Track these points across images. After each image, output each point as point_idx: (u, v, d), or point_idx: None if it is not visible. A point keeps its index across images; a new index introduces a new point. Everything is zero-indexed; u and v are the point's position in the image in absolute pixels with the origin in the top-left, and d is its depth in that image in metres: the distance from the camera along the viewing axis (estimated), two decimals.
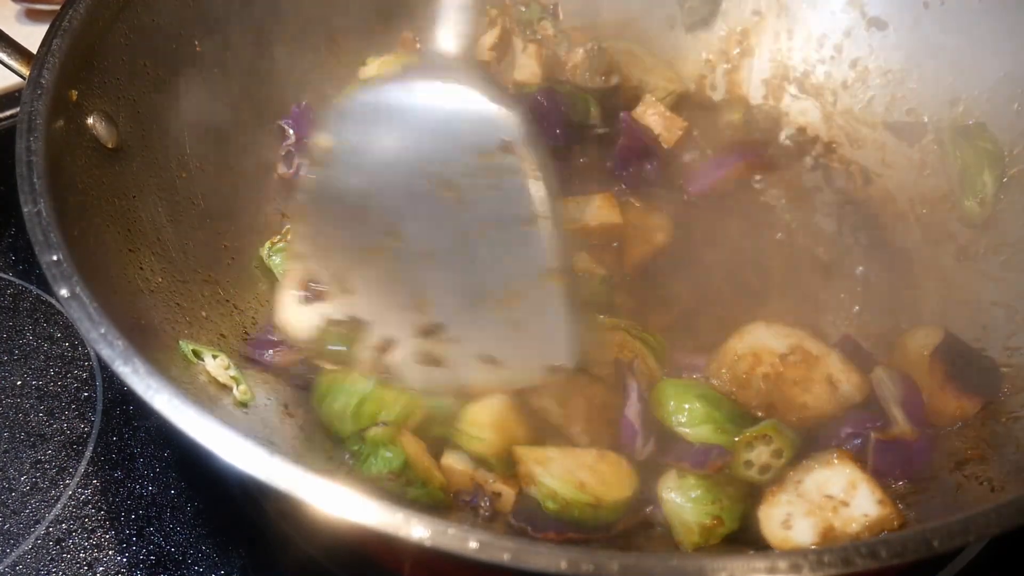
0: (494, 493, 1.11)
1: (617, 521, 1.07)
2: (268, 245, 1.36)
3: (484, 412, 1.12)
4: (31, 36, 1.18)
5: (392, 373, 1.14)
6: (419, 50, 1.63)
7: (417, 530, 0.76)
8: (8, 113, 1.74)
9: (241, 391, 1.12)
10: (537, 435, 1.13)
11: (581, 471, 1.07)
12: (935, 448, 1.13)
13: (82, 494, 1.30)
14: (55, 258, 0.95)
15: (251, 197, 1.43)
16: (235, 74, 1.43)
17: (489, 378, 1.12)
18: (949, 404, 1.16)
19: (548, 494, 1.05)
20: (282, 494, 0.79)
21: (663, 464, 1.11)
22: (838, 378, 1.14)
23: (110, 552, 1.24)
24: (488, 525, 1.11)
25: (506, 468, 1.11)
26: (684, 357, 1.24)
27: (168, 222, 1.25)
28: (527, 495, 1.10)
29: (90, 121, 1.16)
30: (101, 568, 1.22)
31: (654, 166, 1.48)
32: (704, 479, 1.07)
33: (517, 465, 1.09)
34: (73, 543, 1.25)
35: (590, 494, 1.05)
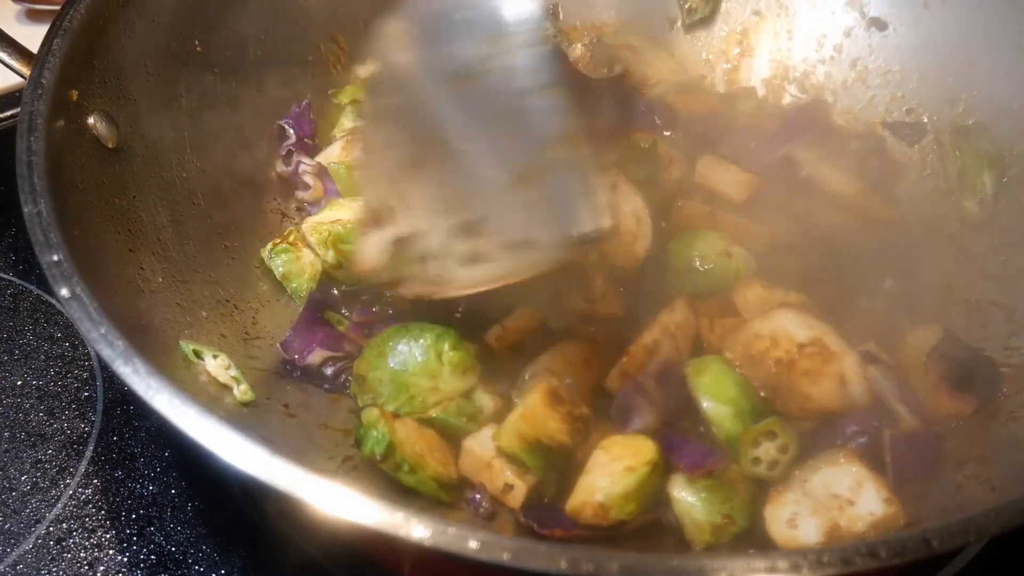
0: (507, 484, 1.11)
1: (629, 520, 1.07)
2: (270, 246, 1.36)
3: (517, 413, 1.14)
4: (31, 36, 1.18)
5: (439, 283, 1.16)
6: None
7: (417, 530, 0.76)
8: (9, 113, 1.74)
9: (241, 391, 1.12)
10: (569, 427, 1.13)
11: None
12: (942, 442, 1.13)
13: (82, 494, 1.30)
14: (55, 258, 0.95)
15: (251, 197, 1.44)
16: (235, 74, 1.43)
17: (525, 262, 1.13)
18: (944, 404, 1.16)
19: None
20: (282, 494, 0.79)
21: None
22: (850, 379, 1.14)
23: (110, 552, 1.24)
24: (487, 524, 1.11)
25: (531, 461, 1.11)
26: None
27: (168, 222, 1.25)
28: (535, 496, 1.10)
29: (91, 121, 1.16)
30: (101, 568, 1.22)
31: None
32: (715, 478, 1.07)
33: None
34: (73, 543, 1.25)
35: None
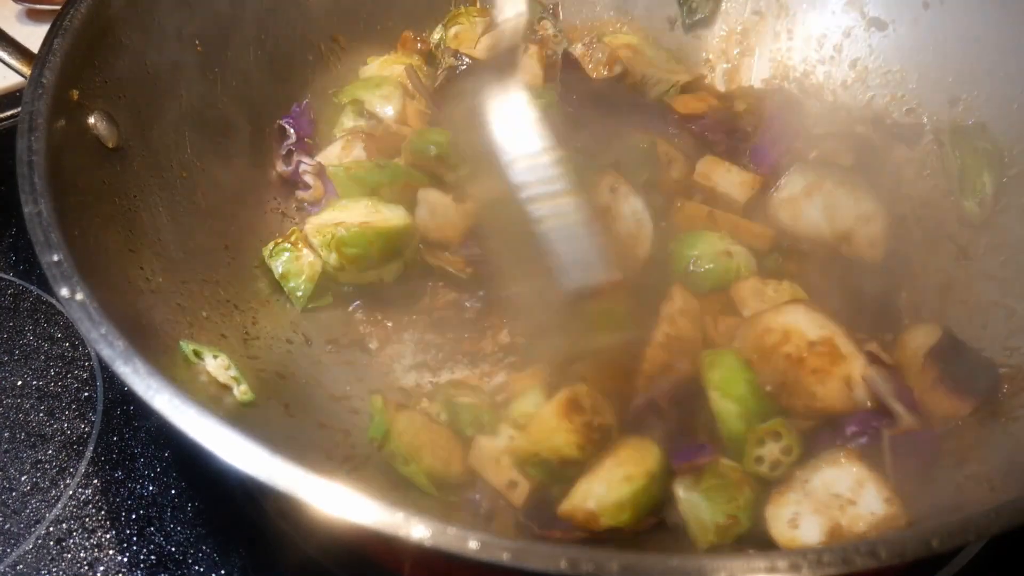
0: (511, 481, 1.11)
1: (625, 528, 1.07)
2: (272, 245, 1.36)
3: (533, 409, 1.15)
4: (32, 36, 1.18)
5: None
6: (420, 49, 1.64)
7: (417, 530, 0.76)
8: (9, 113, 1.74)
9: (242, 391, 1.12)
10: (583, 440, 1.12)
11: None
12: (941, 442, 1.13)
13: (82, 494, 1.30)
14: (56, 258, 0.95)
15: (251, 197, 1.44)
16: (235, 73, 1.43)
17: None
18: (941, 404, 1.16)
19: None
20: (282, 494, 0.79)
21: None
22: (856, 381, 1.13)
23: (110, 552, 1.24)
24: (487, 524, 1.11)
25: (539, 468, 1.11)
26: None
27: (168, 222, 1.25)
28: (540, 494, 1.11)
29: (91, 121, 1.16)
30: (101, 568, 1.22)
31: None
32: (720, 478, 1.06)
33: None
34: (73, 543, 1.25)
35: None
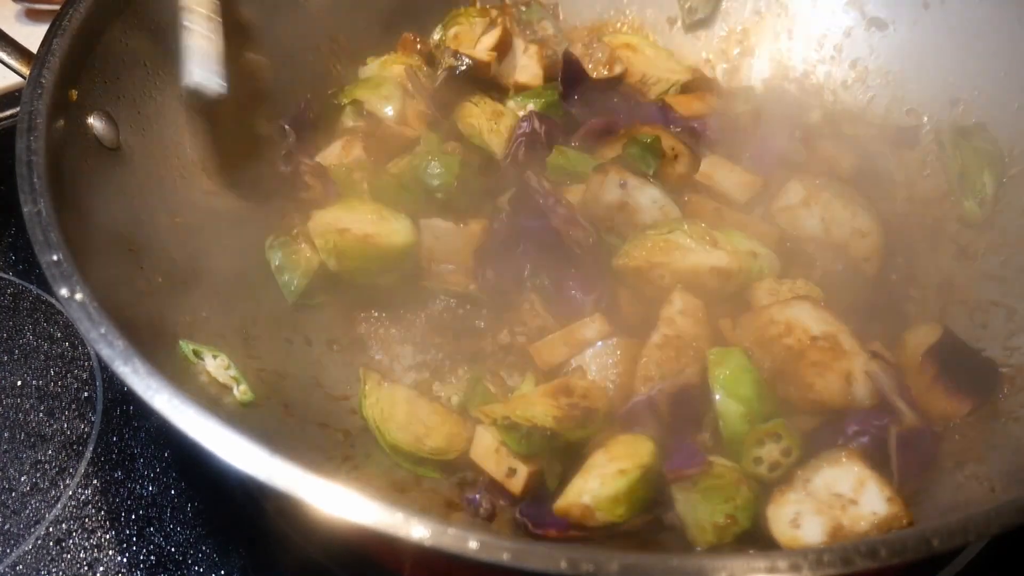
0: (510, 469, 1.12)
1: (621, 523, 1.07)
2: (271, 238, 1.35)
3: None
4: (31, 36, 1.18)
5: None
6: (419, 50, 1.64)
7: (417, 530, 0.76)
8: (8, 113, 1.74)
9: (241, 391, 1.12)
10: (563, 411, 1.14)
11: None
12: (942, 442, 1.13)
13: (82, 494, 1.30)
14: (55, 258, 0.95)
15: (251, 197, 1.43)
16: (235, 74, 1.42)
17: None
18: (939, 403, 1.16)
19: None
20: (282, 494, 0.79)
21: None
22: (856, 378, 1.13)
23: (110, 552, 1.24)
24: (487, 524, 1.11)
25: (512, 435, 1.12)
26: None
27: (168, 222, 1.24)
28: (538, 483, 1.12)
29: (90, 121, 1.16)
30: (101, 568, 1.22)
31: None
32: (717, 478, 1.06)
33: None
34: (73, 543, 1.25)
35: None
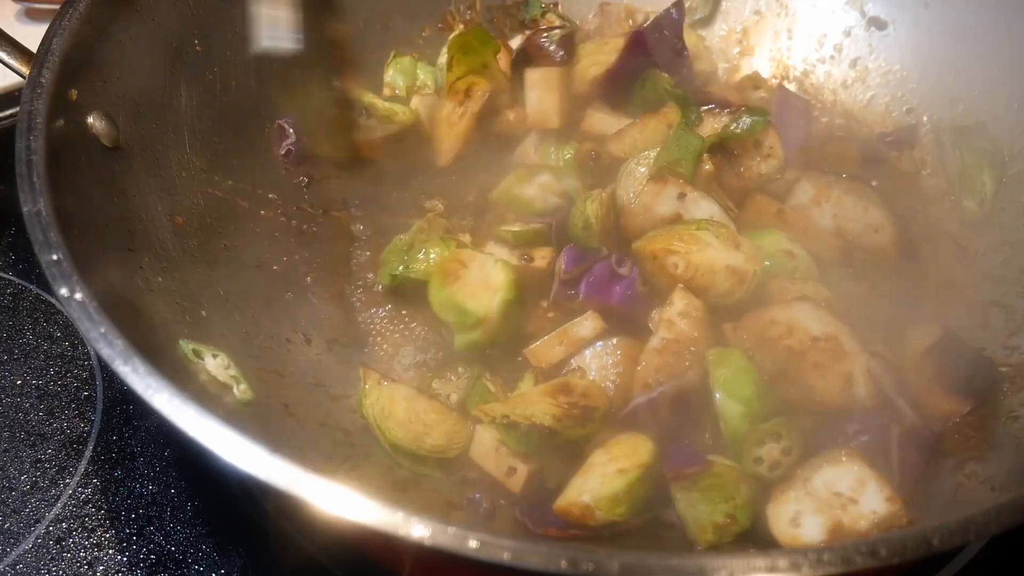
0: (510, 467, 1.13)
1: (621, 522, 1.07)
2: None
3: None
4: (31, 35, 1.18)
5: None
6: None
7: (417, 529, 0.76)
8: (8, 112, 1.74)
9: (241, 390, 1.12)
10: (562, 410, 1.14)
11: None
12: (942, 441, 1.13)
13: (82, 493, 1.30)
14: (55, 257, 0.95)
15: (250, 195, 1.43)
16: (235, 73, 1.43)
17: None
18: (939, 403, 1.16)
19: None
20: (282, 493, 0.79)
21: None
22: (857, 379, 1.13)
23: (110, 551, 1.24)
24: (487, 524, 1.11)
25: (511, 434, 1.12)
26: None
27: (168, 221, 1.24)
28: (538, 482, 1.12)
29: (90, 120, 1.16)
30: (101, 567, 1.22)
31: None
32: (717, 478, 1.06)
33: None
34: (73, 542, 1.25)
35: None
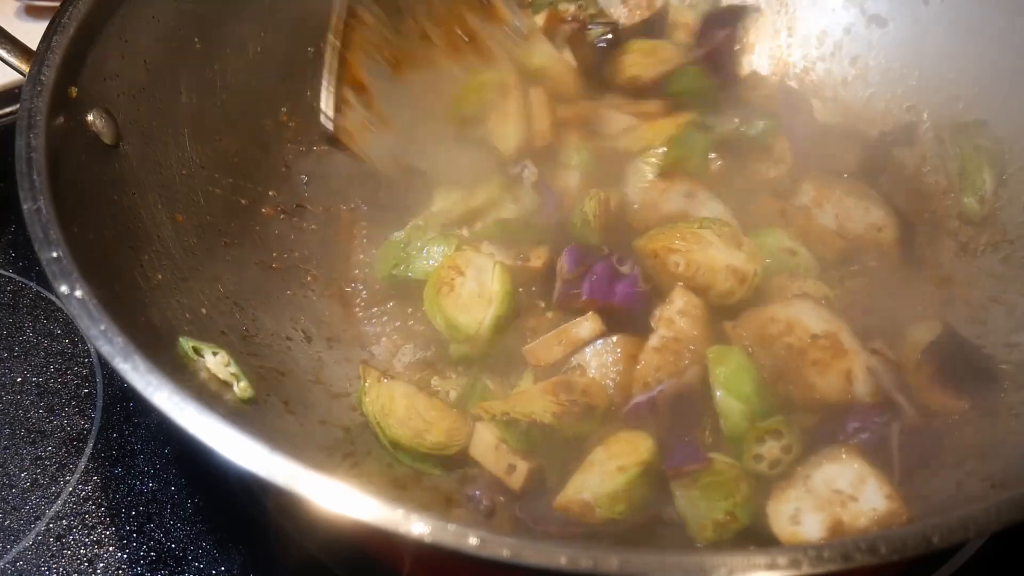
0: (510, 465, 1.12)
1: (621, 519, 1.07)
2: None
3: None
4: (31, 33, 1.18)
5: None
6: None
7: (417, 526, 0.76)
8: (8, 110, 1.74)
9: (241, 388, 1.12)
10: (563, 407, 1.14)
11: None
12: (942, 438, 1.13)
13: (82, 490, 1.30)
14: (55, 255, 0.95)
15: (251, 193, 1.43)
16: (235, 71, 1.43)
17: None
18: (939, 400, 1.16)
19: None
20: (282, 491, 0.79)
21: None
22: (856, 376, 1.13)
23: (110, 548, 1.24)
24: (487, 521, 1.11)
25: (511, 431, 1.12)
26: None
27: (168, 219, 1.24)
28: (538, 480, 1.12)
29: (90, 118, 1.16)
30: (101, 564, 1.22)
31: None
32: (717, 475, 1.06)
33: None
34: (73, 539, 1.25)
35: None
